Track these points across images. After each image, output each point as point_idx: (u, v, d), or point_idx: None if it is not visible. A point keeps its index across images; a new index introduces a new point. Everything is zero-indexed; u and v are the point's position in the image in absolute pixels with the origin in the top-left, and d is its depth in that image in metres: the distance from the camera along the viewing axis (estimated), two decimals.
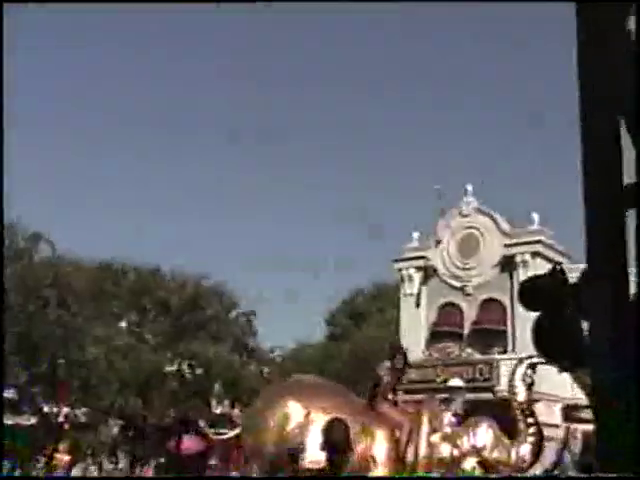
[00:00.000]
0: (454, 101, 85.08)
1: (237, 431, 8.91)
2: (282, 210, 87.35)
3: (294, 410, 8.64)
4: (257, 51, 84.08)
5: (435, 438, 8.94)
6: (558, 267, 8.95)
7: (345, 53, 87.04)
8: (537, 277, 9.18)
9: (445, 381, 20.83)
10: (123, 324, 43.25)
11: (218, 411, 43.68)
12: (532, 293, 8.95)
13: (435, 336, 35.04)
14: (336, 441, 5.61)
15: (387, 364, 9.49)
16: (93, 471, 35.43)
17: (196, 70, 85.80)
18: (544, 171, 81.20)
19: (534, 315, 8.39)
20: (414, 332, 34.34)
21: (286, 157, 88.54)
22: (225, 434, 13.66)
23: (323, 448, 5.67)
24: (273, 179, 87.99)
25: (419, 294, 35.81)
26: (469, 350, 34.34)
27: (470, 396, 20.52)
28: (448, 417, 9.19)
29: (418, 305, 35.76)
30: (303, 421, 8.13)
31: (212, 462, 31.47)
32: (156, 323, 43.40)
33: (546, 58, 79.40)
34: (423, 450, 8.80)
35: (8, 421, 35.68)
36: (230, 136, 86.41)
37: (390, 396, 9.34)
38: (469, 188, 36.04)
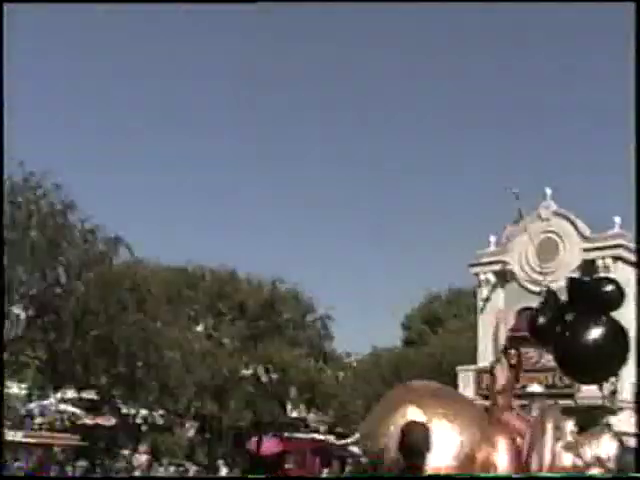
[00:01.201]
0: (532, 102, 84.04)
1: (357, 436, 8.84)
2: (356, 214, 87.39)
3: (414, 416, 8.50)
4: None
5: (558, 447, 8.73)
6: (544, 293, 8.63)
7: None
8: (536, 312, 8.88)
9: (524, 387, 20.42)
10: (200, 328, 43.68)
11: (294, 415, 43.88)
12: (541, 333, 8.66)
13: (514, 342, 34.51)
14: (413, 444, 5.43)
15: (504, 362, 9.11)
16: (172, 472, 35.86)
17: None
18: (624, 173, 79.57)
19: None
20: (492, 337, 33.86)
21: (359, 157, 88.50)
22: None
23: (399, 450, 5.48)
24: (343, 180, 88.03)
25: (487, 299, 35.43)
26: (549, 356, 33.78)
27: (550, 403, 20.13)
28: (570, 425, 8.98)
29: (482, 310, 35.41)
30: None
31: (288, 465, 31.71)
32: (232, 327, 43.72)
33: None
34: (547, 459, 8.60)
35: (89, 421, 36.43)
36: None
37: (507, 401, 9.07)
38: (548, 192, 35.49)
